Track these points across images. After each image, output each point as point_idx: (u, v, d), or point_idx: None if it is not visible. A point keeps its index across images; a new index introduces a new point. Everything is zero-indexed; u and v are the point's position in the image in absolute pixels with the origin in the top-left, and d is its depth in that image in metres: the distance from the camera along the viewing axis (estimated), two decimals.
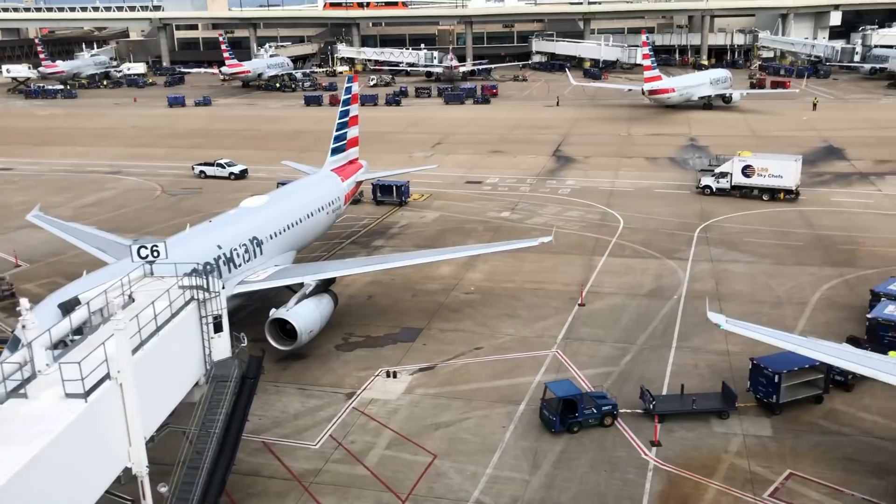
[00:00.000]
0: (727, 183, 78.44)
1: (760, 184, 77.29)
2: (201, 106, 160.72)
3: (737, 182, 78.09)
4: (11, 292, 55.26)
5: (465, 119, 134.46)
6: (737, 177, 77.95)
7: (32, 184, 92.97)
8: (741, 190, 78.07)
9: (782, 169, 76.77)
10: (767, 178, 76.96)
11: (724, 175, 78.74)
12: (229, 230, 46.97)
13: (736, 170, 77.96)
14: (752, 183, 77.56)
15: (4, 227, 74.13)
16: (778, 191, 76.90)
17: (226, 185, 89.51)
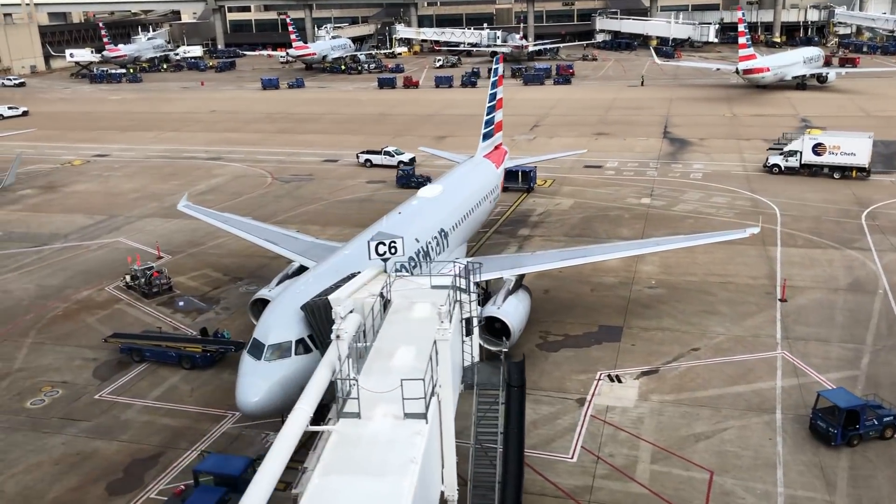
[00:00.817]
0: (796, 161, 77.45)
1: (832, 161, 76.28)
2: (294, 88, 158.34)
3: (807, 160, 77.08)
4: (169, 285, 52.99)
5: (553, 100, 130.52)
6: (807, 155, 77.01)
7: (135, 170, 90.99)
8: (811, 168, 77.12)
9: (855, 146, 75.57)
10: (839, 156, 75.98)
11: (793, 153, 77.76)
12: (420, 223, 44.13)
13: (806, 148, 77.05)
14: (822, 161, 76.61)
15: (127, 216, 72.00)
16: (849, 169, 75.78)
17: (337, 172, 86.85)
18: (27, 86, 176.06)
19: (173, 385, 40.29)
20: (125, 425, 36.64)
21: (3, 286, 55.04)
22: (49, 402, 38.94)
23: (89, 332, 47.14)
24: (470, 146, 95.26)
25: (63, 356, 43.91)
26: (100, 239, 65.30)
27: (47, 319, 49.16)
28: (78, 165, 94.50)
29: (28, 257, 61.23)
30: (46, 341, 46.00)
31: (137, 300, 51.77)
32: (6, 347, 45.33)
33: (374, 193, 77.43)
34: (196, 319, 48.46)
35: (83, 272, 57.37)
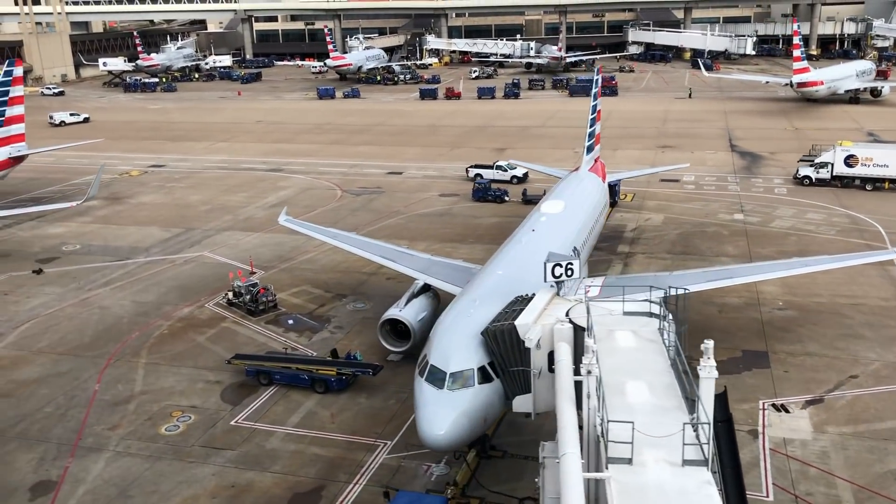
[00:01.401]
0: (827, 173, 77.39)
1: (864, 173, 76.27)
2: (350, 98, 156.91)
3: (838, 172, 76.96)
4: (274, 303, 51.08)
5: (604, 112, 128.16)
6: (838, 166, 76.91)
7: (196, 182, 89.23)
8: (842, 180, 77.03)
9: (888, 158, 75.56)
10: (872, 168, 75.93)
11: (824, 165, 77.74)
12: (558, 241, 42.19)
13: (838, 160, 76.89)
14: (854, 173, 76.61)
15: (204, 229, 70.15)
16: (882, 180, 75.82)
17: (405, 184, 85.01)
18: (65, 94, 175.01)
19: (310, 410, 38.28)
20: (273, 455, 34.61)
21: (97, 302, 53.17)
22: (184, 428, 36.95)
23: (203, 352, 45.20)
24: (535, 158, 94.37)
25: (184, 378, 41.94)
26: (183, 253, 63.45)
27: (154, 338, 47.24)
28: (136, 176, 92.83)
29: (114, 271, 59.39)
30: (161, 362, 44.05)
31: (243, 318, 49.85)
32: (121, 368, 43.39)
33: (451, 207, 75.55)
34: (311, 339, 46.53)
35: (177, 287, 55.50)
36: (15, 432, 37.04)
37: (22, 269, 60.13)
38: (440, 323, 33.06)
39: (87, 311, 51.69)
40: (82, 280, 57.48)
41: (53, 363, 44.17)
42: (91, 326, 49.09)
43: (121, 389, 40.92)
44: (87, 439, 36.23)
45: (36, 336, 47.98)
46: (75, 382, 41.79)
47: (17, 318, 50.89)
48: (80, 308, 52.17)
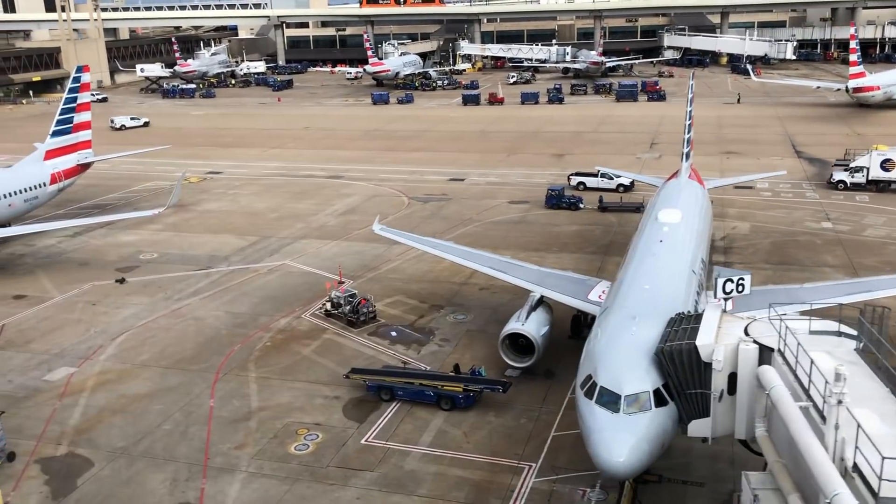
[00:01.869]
0: (862, 177, 77.09)
1: None
2: (404, 104, 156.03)
3: (874, 176, 76.64)
4: (374, 314, 49.77)
5: (655, 117, 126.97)
6: (874, 171, 76.55)
7: (259, 189, 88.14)
8: (878, 184, 76.81)
9: None
10: None
11: (859, 170, 77.38)
12: (686, 252, 40.68)
13: (874, 164, 76.51)
14: (891, 177, 76.27)
15: (279, 237, 68.93)
16: None
17: (470, 191, 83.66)
18: (108, 101, 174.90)
19: (440, 429, 36.85)
20: (415, 477, 33.19)
21: (189, 313, 52.04)
22: (314, 447, 35.61)
23: (312, 365, 43.91)
24: (599, 164, 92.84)
25: (300, 393, 40.64)
26: (264, 262, 62.28)
27: (258, 351, 46.02)
28: (197, 183, 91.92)
29: (198, 281, 58.29)
30: (271, 376, 42.79)
31: (344, 329, 48.55)
32: (231, 383, 42.16)
33: (525, 215, 74.09)
34: (420, 352, 45.15)
35: (268, 298, 54.29)
36: (139, 451, 35.84)
37: (103, 279, 59.18)
38: (597, 341, 31.54)
39: (182, 322, 50.57)
40: (168, 290, 56.42)
41: (161, 377, 43.00)
42: (190, 339, 47.92)
43: (237, 405, 39.66)
44: (215, 459, 34.96)
45: (136, 348, 46.87)
46: (188, 398, 40.58)
47: (110, 329, 49.83)
48: (174, 319, 51.06)
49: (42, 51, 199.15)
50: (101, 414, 39.20)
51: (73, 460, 35.23)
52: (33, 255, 65.87)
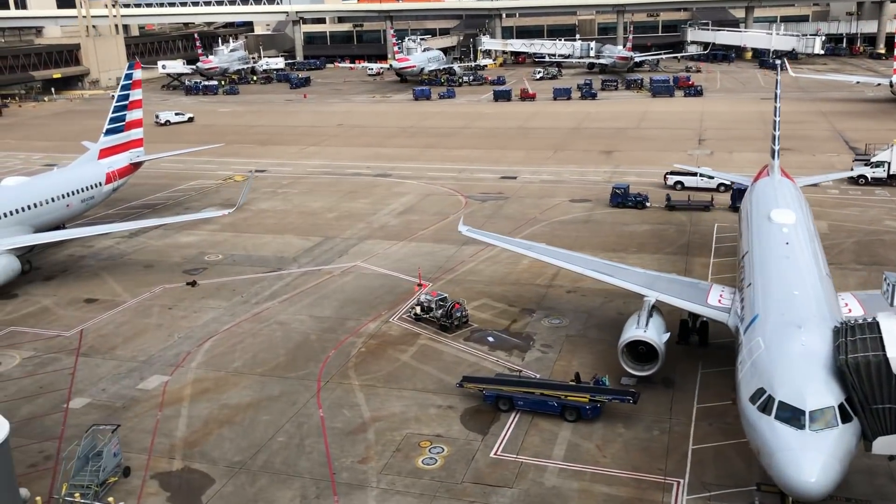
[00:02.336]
0: (883, 172, 76.96)
1: None
2: (445, 99, 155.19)
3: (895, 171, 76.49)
4: (466, 318, 48.09)
5: (696, 112, 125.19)
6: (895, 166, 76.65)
7: (308, 187, 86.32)
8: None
9: None
10: None
11: (880, 164, 77.31)
12: (812, 255, 39.06)
13: (895, 159, 76.62)
14: None
15: (343, 238, 67.14)
16: None
17: (526, 189, 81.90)
18: None
19: (570, 442, 35.14)
20: (560, 494, 31.47)
21: (272, 317, 50.35)
22: (441, 461, 33.94)
23: (415, 372, 42.22)
24: (650, 161, 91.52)
25: (411, 403, 38.98)
26: (335, 263, 60.55)
27: (355, 357, 44.31)
28: (242, 181, 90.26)
29: (272, 283, 56.61)
30: (375, 384, 41.11)
31: (437, 334, 46.85)
32: (336, 391, 40.47)
33: (591, 213, 72.37)
34: (524, 359, 43.47)
35: (349, 301, 52.57)
36: (258, 465, 34.18)
37: (173, 281, 57.52)
38: (764, 352, 29.77)
39: (266, 327, 48.90)
40: (244, 293, 54.78)
41: (260, 385, 41.34)
42: (279, 344, 46.26)
43: (349, 416, 38.00)
44: (341, 474, 33.30)
45: (226, 355, 45.22)
46: (294, 408, 38.92)
47: (194, 334, 48.18)
48: (258, 324, 49.40)
49: (62, 47, 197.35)
50: (207, 425, 37.56)
51: (190, 476, 33.58)
52: (93, 256, 64.22)
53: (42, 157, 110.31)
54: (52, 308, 53.19)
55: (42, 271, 60.30)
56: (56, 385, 41.85)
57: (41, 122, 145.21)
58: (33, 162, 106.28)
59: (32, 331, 49.49)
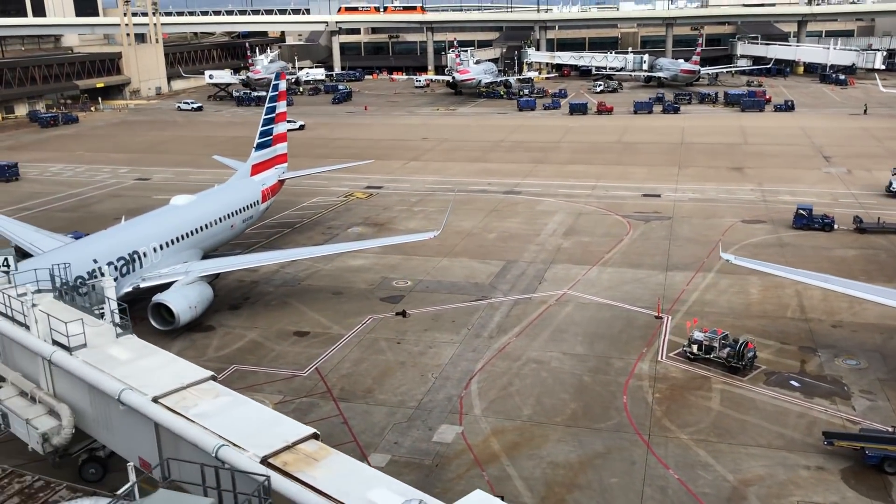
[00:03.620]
0: None
1: None
2: (549, 110, 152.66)
3: None
4: (753, 358, 43.19)
5: (796, 128, 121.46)
6: None
7: (441, 206, 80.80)
8: None
9: None
10: None
11: None
12: None
13: None
14: None
15: (527, 262, 61.99)
16: None
17: (685, 209, 77.25)
18: (203, 110, 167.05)
19: None
20: None
21: (522, 354, 45.21)
22: None
23: (744, 425, 37.14)
24: (789, 179, 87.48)
25: (770, 462, 34.07)
26: (541, 291, 55.49)
27: (656, 404, 39.34)
28: (365, 199, 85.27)
29: (490, 313, 51.47)
30: (709, 438, 36.08)
31: (727, 376, 41.97)
32: (670, 447, 35.38)
33: (779, 237, 67.62)
34: (855, 408, 38.63)
35: (594, 336, 47.47)
36: None
37: (376, 311, 52.35)
38: None
39: (524, 366, 43.82)
40: (468, 324, 49.74)
41: (574, 439, 36.26)
42: (556, 388, 41.17)
43: (710, 478, 33.04)
44: None
45: (505, 400, 40.10)
46: (634, 466, 33.97)
47: (449, 374, 43.01)
48: (511, 362, 44.31)
49: (104, 56, 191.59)
50: (553, 490, 32.50)
51: None
52: (267, 282, 58.82)
53: (128, 170, 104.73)
54: (265, 343, 47.91)
55: (222, 300, 54.91)
56: (336, 437, 36.55)
57: (103, 133, 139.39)
58: (122, 176, 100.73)
59: (261, 369, 44.27)
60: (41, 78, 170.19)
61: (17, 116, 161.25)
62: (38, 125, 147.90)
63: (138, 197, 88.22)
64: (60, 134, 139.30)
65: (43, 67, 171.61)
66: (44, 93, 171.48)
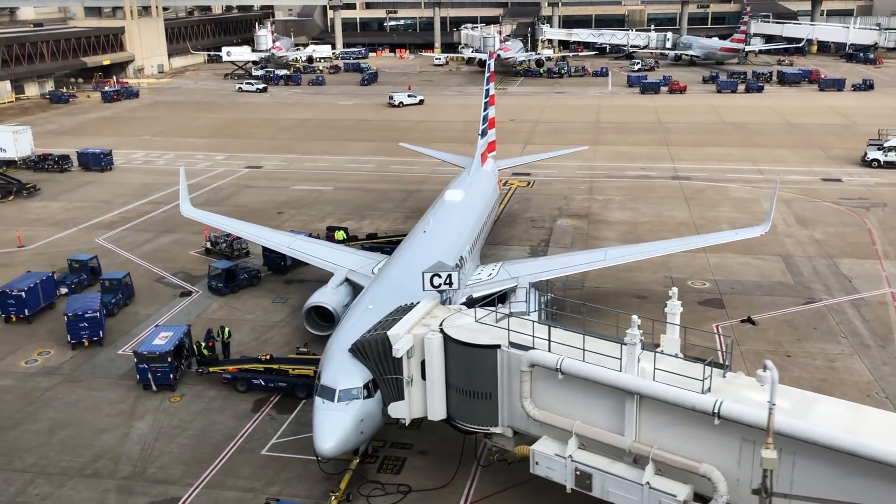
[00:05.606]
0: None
1: None
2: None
3: None
4: None
5: (887, 108, 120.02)
6: None
7: (620, 192, 75.87)
8: None
9: None
10: None
11: (893, 149, 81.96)
12: None
13: None
14: None
15: (807, 258, 57.38)
16: None
17: (884, 194, 74.04)
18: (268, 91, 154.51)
19: None
20: None
21: None
22: None
23: None
24: None
25: None
26: (866, 291, 50.70)
27: None
28: (526, 187, 79.26)
29: (842, 318, 46.66)
30: None
31: None
32: None
33: None
34: None
35: None
36: None
37: (716, 318, 47.00)
38: None
39: None
40: (841, 332, 44.88)
41: None
42: None
43: None
44: None
45: None
46: None
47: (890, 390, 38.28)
48: None
49: (108, 31, 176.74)
50: None
51: None
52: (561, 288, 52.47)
53: (224, 157, 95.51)
54: None
55: None
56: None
57: (143, 116, 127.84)
58: (224, 164, 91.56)
59: None
60: (49, 55, 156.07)
61: (28, 97, 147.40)
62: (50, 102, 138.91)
63: (271, 187, 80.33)
64: (98, 116, 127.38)
65: (51, 43, 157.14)
66: (53, 71, 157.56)
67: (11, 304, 46.91)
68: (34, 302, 47.78)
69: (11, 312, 47.20)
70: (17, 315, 47.26)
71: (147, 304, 50.73)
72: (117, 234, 66.10)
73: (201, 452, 34.37)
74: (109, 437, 35.76)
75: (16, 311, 47.14)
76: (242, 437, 35.50)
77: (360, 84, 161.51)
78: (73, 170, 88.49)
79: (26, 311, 47.22)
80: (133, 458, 34.03)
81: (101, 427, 36.55)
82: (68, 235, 65.82)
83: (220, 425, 36.56)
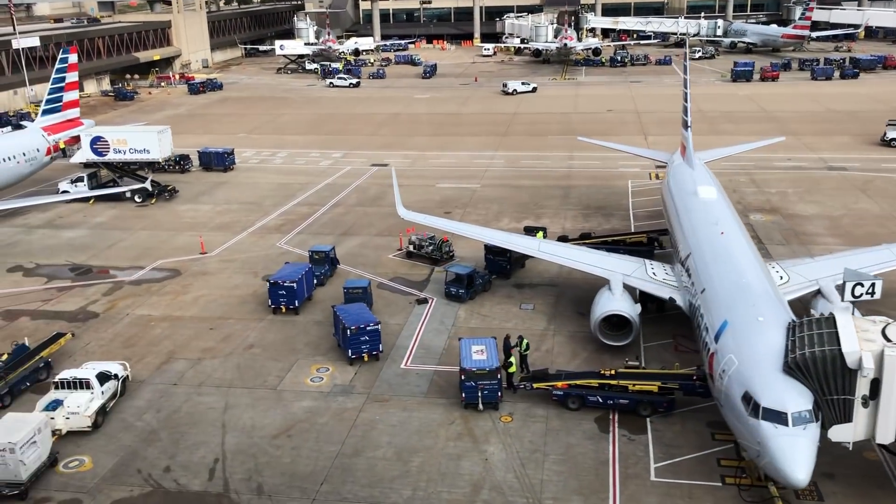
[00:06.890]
0: None
1: None
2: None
3: None
4: None
5: None
6: None
7: (790, 184, 73.32)
8: None
9: None
10: None
11: None
12: None
13: None
14: None
15: None
16: None
17: None
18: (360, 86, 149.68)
19: None
20: None
21: None
22: None
23: None
24: None
25: None
26: None
27: None
28: None
29: None
30: None
31: None
32: None
33: None
34: None
35: None
36: None
37: None
38: None
39: None
40: None
41: None
42: None
43: None
44: None
45: None
46: None
47: None
48: None
49: (156, 25, 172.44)
50: None
51: None
52: None
53: (341, 154, 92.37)
54: None
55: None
56: None
57: (218, 112, 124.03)
58: (345, 162, 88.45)
59: None
60: (105, 51, 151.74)
61: (89, 95, 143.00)
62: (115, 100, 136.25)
63: (414, 185, 76.25)
64: (174, 113, 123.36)
65: (105, 39, 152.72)
66: (109, 67, 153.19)
67: (282, 295, 47.01)
68: (301, 293, 47.66)
69: (282, 303, 47.26)
70: (286, 306, 47.39)
71: (388, 313, 47.67)
72: (293, 238, 62.89)
73: (585, 480, 31.59)
74: (469, 463, 32.87)
75: (286, 302, 47.26)
76: (616, 462, 32.75)
77: (421, 77, 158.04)
78: (194, 170, 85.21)
79: (296, 302, 47.27)
80: (515, 488, 31.20)
81: (452, 452, 33.65)
82: (245, 240, 62.53)
83: (579, 448, 33.75)
